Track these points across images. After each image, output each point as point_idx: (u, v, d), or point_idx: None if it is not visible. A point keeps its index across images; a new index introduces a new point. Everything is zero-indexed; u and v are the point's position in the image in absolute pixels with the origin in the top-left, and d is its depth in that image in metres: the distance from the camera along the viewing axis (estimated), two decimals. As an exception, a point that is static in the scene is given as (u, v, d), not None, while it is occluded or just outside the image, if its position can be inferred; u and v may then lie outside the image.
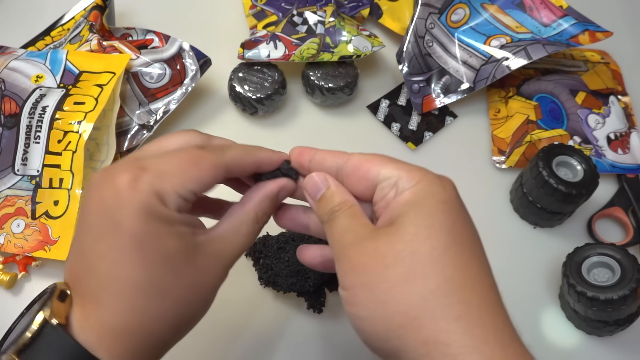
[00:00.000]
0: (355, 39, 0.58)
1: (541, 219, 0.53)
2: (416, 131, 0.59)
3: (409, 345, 0.28)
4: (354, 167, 0.33)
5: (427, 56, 0.60)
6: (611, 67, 0.63)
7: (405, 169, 0.32)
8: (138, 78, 0.55)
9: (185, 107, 0.59)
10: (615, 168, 0.56)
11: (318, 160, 0.35)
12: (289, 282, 0.46)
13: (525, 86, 0.60)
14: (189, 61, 0.56)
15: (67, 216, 0.48)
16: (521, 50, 0.57)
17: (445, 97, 0.60)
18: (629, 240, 0.53)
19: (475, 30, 0.61)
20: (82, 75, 0.53)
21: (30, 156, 0.50)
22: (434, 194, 0.30)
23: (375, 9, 0.66)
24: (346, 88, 0.58)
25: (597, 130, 0.58)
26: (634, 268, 0.44)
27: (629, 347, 0.48)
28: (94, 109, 0.50)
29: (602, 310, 0.44)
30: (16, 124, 0.51)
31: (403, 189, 0.31)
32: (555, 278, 0.51)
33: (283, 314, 0.49)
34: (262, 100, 0.57)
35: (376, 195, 0.32)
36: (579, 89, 0.59)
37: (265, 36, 0.60)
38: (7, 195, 0.50)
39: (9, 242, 0.49)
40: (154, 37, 0.58)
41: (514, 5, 0.62)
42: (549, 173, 0.49)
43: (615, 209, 0.55)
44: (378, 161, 0.33)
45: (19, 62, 0.54)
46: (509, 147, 0.57)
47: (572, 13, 0.61)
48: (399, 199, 0.31)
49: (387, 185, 0.32)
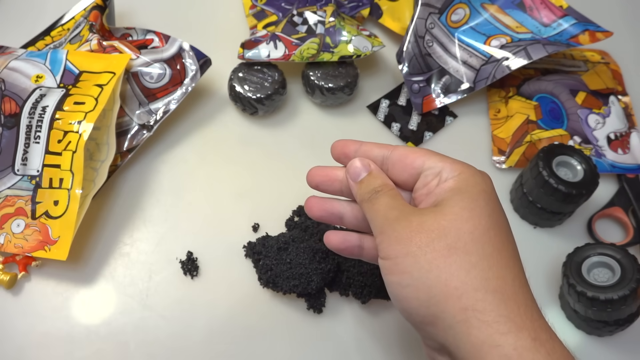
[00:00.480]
0: (355, 39, 0.58)
1: (541, 219, 0.53)
2: (416, 131, 0.59)
3: (447, 312, 0.31)
4: (401, 157, 0.37)
5: (427, 56, 0.60)
6: (611, 67, 0.63)
7: (448, 161, 0.35)
8: (138, 78, 0.55)
9: (185, 107, 0.59)
10: (615, 168, 0.56)
11: (365, 150, 0.38)
12: (290, 285, 0.46)
13: (525, 86, 0.60)
14: (189, 61, 0.56)
15: (67, 216, 0.48)
16: (521, 50, 0.57)
17: (445, 97, 0.60)
18: (629, 240, 0.53)
19: (476, 30, 0.61)
20: (82, 75, 0.53)
21: (30, 156, 0.50)
22: (476, 184, 0.34)
23: (375, 9, 0.66)
24: (346, 88, 0.58)
25: (597, 130, 0.58)
26: (634, 268, 0.44)
27: (629, 347, 0.48)
28: (94, 109, 0.50)
29: (602, 310, 0.44)
30: (16, 124, 0.51)
31: (447, 177, 0.34)
32: (555, 278, 0.51)
33: (283, 314, 0.49)
34: (262, 100, 0.57)
35: (419, 182, 0.36)
36: (579, 89, 0.59)
37: (265, 36, 0.60)
38: (7, 195, 0.50)
39: (9, 242, 0.49)
40: (154, 37, 0.58)
41: (514, 5, 0.62)
42: (549, 173, 0.49)
43: (615, 209, 0.55)
44: (423, 153, 0.36)
45: (19, 62, 0.54)
46: (509, 147, 0.57)
47: (572, 13, 0.61)
48: (443, 185, 0.34)
49: (431, 174, 0.35)
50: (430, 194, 0.35)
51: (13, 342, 0.46)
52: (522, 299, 0.31)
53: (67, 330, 0.47)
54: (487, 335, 0.29)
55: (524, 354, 0.29)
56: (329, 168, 0.40)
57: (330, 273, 0.47)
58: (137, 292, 0.49)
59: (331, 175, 0.40)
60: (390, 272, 0.33)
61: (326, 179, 0.40)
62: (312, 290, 0.47)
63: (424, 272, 0.31)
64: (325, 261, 0.47)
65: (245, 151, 0.58)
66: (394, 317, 0.48)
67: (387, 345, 0.47)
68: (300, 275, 0.46)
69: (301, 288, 0.46)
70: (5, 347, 0.46)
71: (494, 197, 0.35)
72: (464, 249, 0.31)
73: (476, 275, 0.31)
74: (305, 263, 0.46)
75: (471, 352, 0.30)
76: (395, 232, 0.33)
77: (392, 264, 0.33)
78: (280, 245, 0.48)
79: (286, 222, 0.53)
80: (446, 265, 0.31)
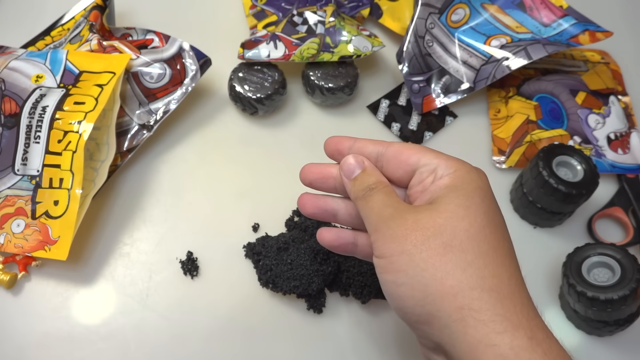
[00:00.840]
0: (355, 39, 0.58)
1: (541, 219, 0.53)
2: (416, 131, 0.59)
3: (443, 311, 0.30)
4: (396, 153, 0.36)
5: (427, 56, 0.60)
6: (611, 67, 0.63)
7: (443, 157, 0.35)
8: (138, 78, 0.55)
9: (185, 107, 0.59)
10: (615, 168, 0.56)
11: (359, 147, 0.38)
12: (291, 285, 0.46)
13: (525, 86, 0.60)
14: (189, 61, 0.56)
15: (67, 216, 0.48)
16: (521, 50, 0.57)
17: (445, 97, 0.60)
18: (629, 240, 0.53)
19: (476, 30, 0.61)
20: (82, 75, 0.53)
21: (30, 156, 0.50)
22: (472, 181, 0.34)
23: (375, 9, 0.66)
24: (346, 88, 0.58)
25: (597, 130, 0.58)
26: (634, 268, 0.44)
27: (629, 347, 0.48)
28: (94, 109, 0.50)
29: (602, 310, 0.44)
30: (16, 123, 0.51)
31: (442, 175, 0.34)
32: (555, 278, 0.51)
33: (283, 314, 0.49)
34: (262, 100, 0.57)
35: (414, 179, 0.36)
36: (579, 89, 0.59)
37: (265, 36, 0.60)
38: (7, 195, 0.50)
39: (9, 242, 0.49)
40: (154, 37, 0.58)
41: (514, 5, 0.62)
42: (549, 173, 0.49)
43: (615, 209, 0.55)
44: (418, 149, 0.36)
45: (19, 62, 0.54)
46: (509, 147, 0.57)
47: (572, 13, 0.61)
48: (438, 182, 0.34)
49: (426, 171, 0.35)
50: (425, 191, 0.35)
51: (13, 342, 0.46)
52: (519, 298, 0.31)
53: (67, 330, 0.47)
54: (483, 334, 0.29)
55: (521, 353, 0.29)
56: (322, 165, 0.40)
57: (331, 275, 0.47)
58: (137, 292, 0.49)
59: (325, 172, 0.39)
60: (385, 270, 0.33)
61: (320, 176, 0.39)
62: (312, 292, 0.47)
63: (419, 270, 0.31)
64: (327, 263, 0.47)
65: (245, 151, 0.58)
66: (394, 317, 0.48)
67: (387, 345, 0.47)
68: (302, 277, 0.46)
69: (302, 289, 0.46)
70: (5, 347, 0.46)
71: (490, 194, 0.34)
72: (459, 247, 0.31)
73: (472, 274, 0.30)
74: (306, 264, 0.46)
75: (467, 351, 0.29)
76: (390, 230, 0.33)
77: (387, 262, 0.32)
78: (280, 245, 0.48)
79: (286, 222, 0.53)
80: (442, 264, 0.31)
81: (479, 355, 0.29)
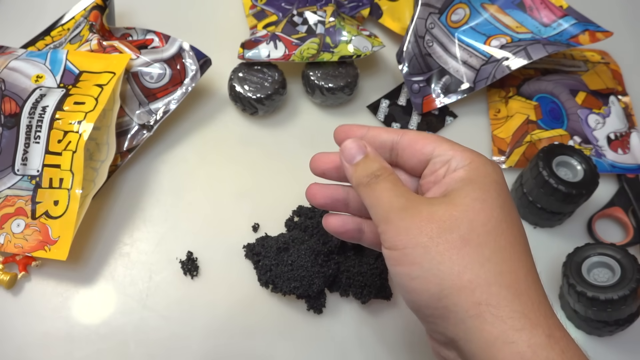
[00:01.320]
0: (355, 39, 0.58)
1: (541, 219, 0.53)
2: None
3: (460, 305, 0.29)
4: (411, 142, 0.36)
5: (427, 56, 0.60)
6: (611, 67, 0.63)
7: (459, 149, 0.34)
8: (138, 78, 0.55)
9: (185, 107, 0.59)
10: (615, 168, 0.56)
11: (372, 135, 0.37)
12: (291, 286, 0.46)
13: (525, 86, 0.60)
14: (189, 61, 0.56)
15: (67, 216, 0.48)
16: (521, 50, 0.57)
17: (445, 97, 0.60)
18: (629, 240, 0.53)
19: (476, 30, 0.61)
20: (82, 75, 0.53)
21: (30, 156, 0.50)
22: (487, 174, 0.33)
23: (375, 9, 0.66)
24: (346, 88, 0.58)
25: (597, 130, 0.58)
26: (634, 268, 0.44)
27: (629, 347, 0.48)
28: (94, 109, 0.50)
29: (602, 311, 0.44)
30: (16, 124, 0.51)
31: (457, 167, 0.33)
32: (555, 278, 0.51)
33: (283, 314, 0.49)
34: (262, 100, 0.57)
35: (427, 169, 0.35)
36: (579, 89, 0.59)
37: (265, 36, 0.60)
38: (7, 195, 0.50)
39: (9, 242, 0.49)
40: (154, 37, 0.58)
41: (514, 5, 0.62)
42: (549, 173, 0.49)
43: (615, 209, 0.55)
44: (434, 139, 0.35)
45: (19, 62, 0.54)
46: (509, 147, 0.57)
47: (572, 13, 0.61)
48: (453, 175, 0.33)
49: (440, 162, 0.34)
50: (438, 182, 0.34)
51: (13, 342, 0.46)
52: (535, 295, 0.30)
53: (67, 330, 0.47)
54: (500, 331, 0.29)
55: (538, 351, 0.28)
56: (334, 154, 0.38)
57: (332, 276, 0.47)
58: (137, 292, 0.49)
59: (338, 161, 0.38)
60: (398, 262, 0.32)
61: (332, 165, 0.38)
62: (313, 293, 0.47)
63: (435, 263, 0.30)
64: (328, 264, 0.47)
65: (245, 151, 0.58)
66: (394, 317, 0.48)
67: (387, 345, 0.47)
68: (302, 278, 0.46)
69: (302, 290, 0.46)
70: (5, 347, 0.46)
71: (505, 188, 0.33)
72: (477, 241, 0.30)
73: (490, 269, 0.30)
74: (307, 265, 0.46)
75: (483, 347, 0.29)
76: (403, 222, 0.32)
77: (401, 254, 0.31)
78: (279, 245, 0.48)
79: (286, 223, 0.53)
80: (459, 257, 0.30)
81: (495, 352, 0.29)
